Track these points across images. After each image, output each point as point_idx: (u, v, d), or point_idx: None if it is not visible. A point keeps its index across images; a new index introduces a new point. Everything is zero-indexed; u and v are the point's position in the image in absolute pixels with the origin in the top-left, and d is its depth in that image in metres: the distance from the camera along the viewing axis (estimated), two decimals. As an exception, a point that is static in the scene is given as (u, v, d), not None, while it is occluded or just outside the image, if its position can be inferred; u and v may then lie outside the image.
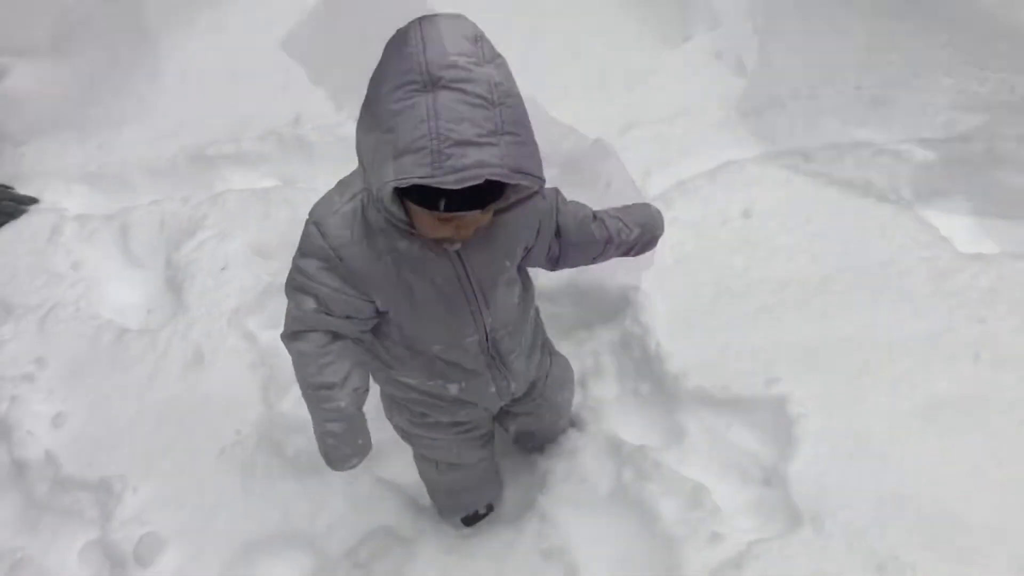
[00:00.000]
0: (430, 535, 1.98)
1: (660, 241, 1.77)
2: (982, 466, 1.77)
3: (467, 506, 2.03)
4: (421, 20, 1.20)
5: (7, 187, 2.94)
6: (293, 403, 2.23)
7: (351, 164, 1.33)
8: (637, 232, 1.69)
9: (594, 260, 1.72)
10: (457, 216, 1.24)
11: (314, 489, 2.07)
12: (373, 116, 1.20)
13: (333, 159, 2.80)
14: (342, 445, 1.45)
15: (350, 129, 1.34)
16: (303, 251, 1.39)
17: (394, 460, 2.06)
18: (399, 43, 1.18)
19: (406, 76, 1.16)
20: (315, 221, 1.36)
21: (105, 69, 3.29)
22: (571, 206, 1.63)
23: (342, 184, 1.41)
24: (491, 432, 1.89)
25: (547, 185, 1.31)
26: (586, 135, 2.74)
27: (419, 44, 1.17)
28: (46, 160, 3.06)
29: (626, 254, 1.74)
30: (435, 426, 1.74)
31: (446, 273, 1.42)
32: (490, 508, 2.08)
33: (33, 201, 2.92)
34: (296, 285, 1.41)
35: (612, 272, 2.26)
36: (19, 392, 2.36)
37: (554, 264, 1.68)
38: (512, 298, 1.56)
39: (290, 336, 1.44)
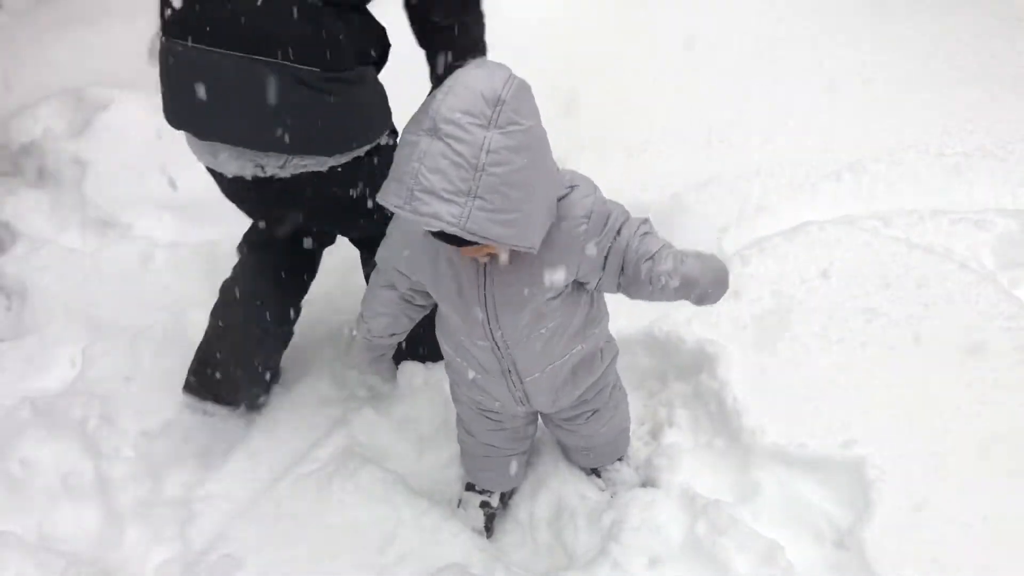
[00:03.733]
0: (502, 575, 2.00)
1: (738, 297, 1.80)
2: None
3: (475, 477, 2.14)
4: (461, 71, 1.33)
5: None
6: (369, 432, 2.30)
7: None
8: (676, 283, 1.57)
9: (651, 299, 1.65)
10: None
11: (386, 519, 2.11)
12: (400, 138, 1.37)
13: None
14: (360, 357, 1.90)
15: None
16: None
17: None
18: (441, 86, 1.33)
19: (423, 116, 1.31)
20: None
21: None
22: (645, 241, 1.58)
23: None
24: (525, 434, 2.03)
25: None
26: (664, 188, 2.79)
27: (444, 92, 1.30)
28: (141, 189, 3.18)
29: (684, 298, 1.64)
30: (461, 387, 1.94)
31: (470, 277, 1.58)
32: (501, 500, 2.16)
33: None
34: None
35: (688, 323, 2.29)
36: (107, 409, 2.44)
37: (626, 293, 1.67)
38: (534, 327, 1.63)
39: (372, 277, 1.78)
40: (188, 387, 2.41)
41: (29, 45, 3.90)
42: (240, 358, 2.35)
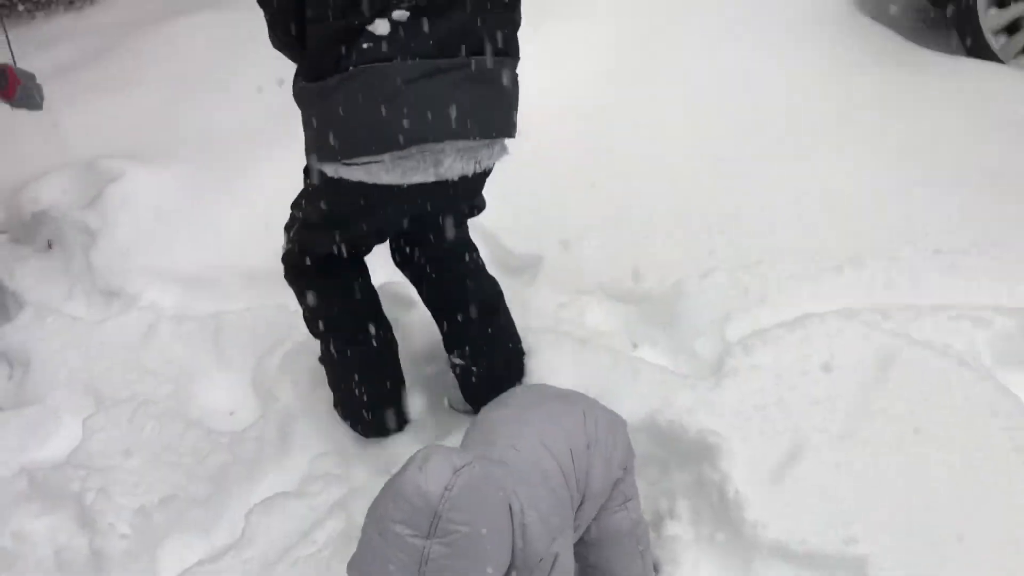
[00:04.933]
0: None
1: (741, 387, 1.83)
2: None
3: None
4: (404, 470, 1.44)
5: None
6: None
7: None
8: None
9: None
10: None
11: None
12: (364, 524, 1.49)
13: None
14: None
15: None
16: None
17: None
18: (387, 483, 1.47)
19: (375, 506, 1.46)
20: None
21: (211, 177, 3.49)
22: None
23: None
24: None
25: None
26: (665, 275, 2.83)
27: (387, 494, 1.43)
28: (148, 259, 3.22)
29: None
30: None
31: None
32: None
33: None
34: None
35: (691, 412, 2.30)
36: (106, 483, 2.43)
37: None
38: None
39: None
40: (374, 431, 2.50)
41: (44, 114, 3.97)
42: (397, 372, 2.49)
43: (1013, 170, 3.08)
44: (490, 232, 3.15)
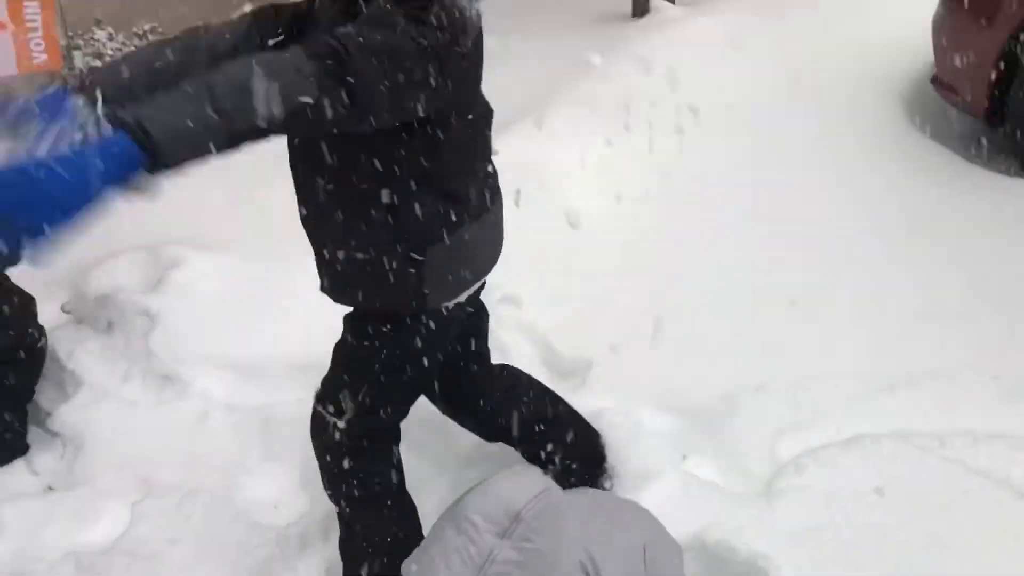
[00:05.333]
0: None
1: (792, 508, 1.78)
2: None
3: None
4: (501, 474, 1.47)
5: None
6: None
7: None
8: None
9: None
10: None
11: None
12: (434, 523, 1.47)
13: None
14: None
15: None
16: None
17: None
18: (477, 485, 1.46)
19: (454, 505, 1.41)
20: None
21: (267, 269, 3.57)
22: None
23: None
24: None
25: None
26: (715, 388, 2.82)
27: (476, 491, 1.41)
28: (204, 346, 3.28)
29: None
30: None
31: None
32: None
33: None
34: None
35: (740, 532, 2.26)
36: (150, 571, 2.44)
37: None
38: None
39: None
40: None
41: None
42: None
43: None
44: (540, 334, 3.18)
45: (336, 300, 2.06)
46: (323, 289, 2.08)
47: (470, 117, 1.82)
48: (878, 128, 4.06)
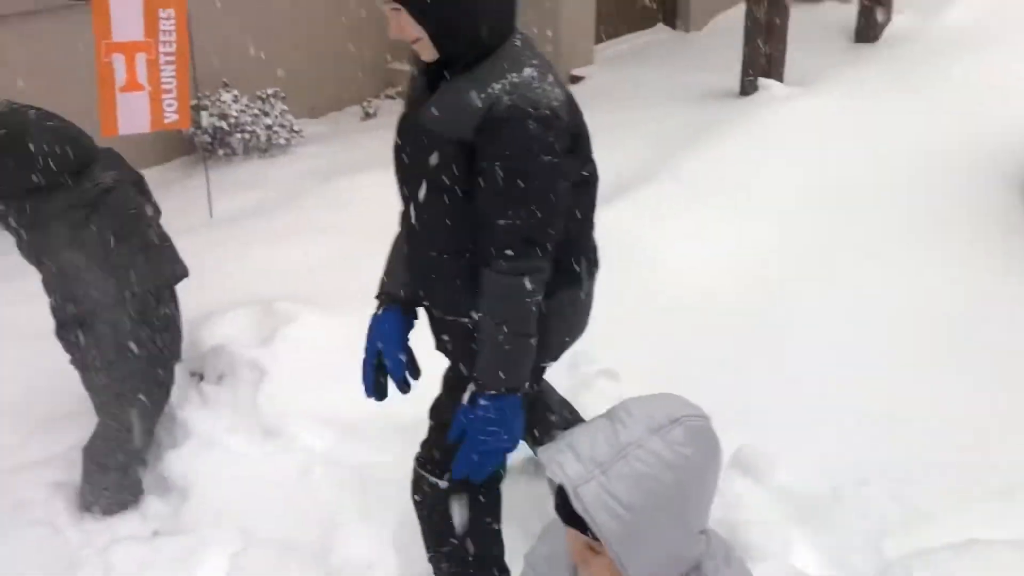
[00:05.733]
0: None
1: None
2: None
3: None
4: (664, 392, 1.41)
5: None
6: None
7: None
8: None
9: None
10: None
11: None
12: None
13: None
14: None
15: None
16: None
17: None
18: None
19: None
20: None
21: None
22: None
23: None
24: None
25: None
26: (821, 476, 2.74)
27: (641, 397, 1.37)
28: (309, 402, 3.36)
29: None
30: None
31: None
32: None
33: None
34: None
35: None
36: (245, 625, 2.49)
37: None
38: None
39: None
40: None
41: (232, 253, 4.31)
42: None
43: None
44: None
45: (449, 359, 2.26)
46: (437, 348, 2.26)
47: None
48: (985, 207, 3.97)
